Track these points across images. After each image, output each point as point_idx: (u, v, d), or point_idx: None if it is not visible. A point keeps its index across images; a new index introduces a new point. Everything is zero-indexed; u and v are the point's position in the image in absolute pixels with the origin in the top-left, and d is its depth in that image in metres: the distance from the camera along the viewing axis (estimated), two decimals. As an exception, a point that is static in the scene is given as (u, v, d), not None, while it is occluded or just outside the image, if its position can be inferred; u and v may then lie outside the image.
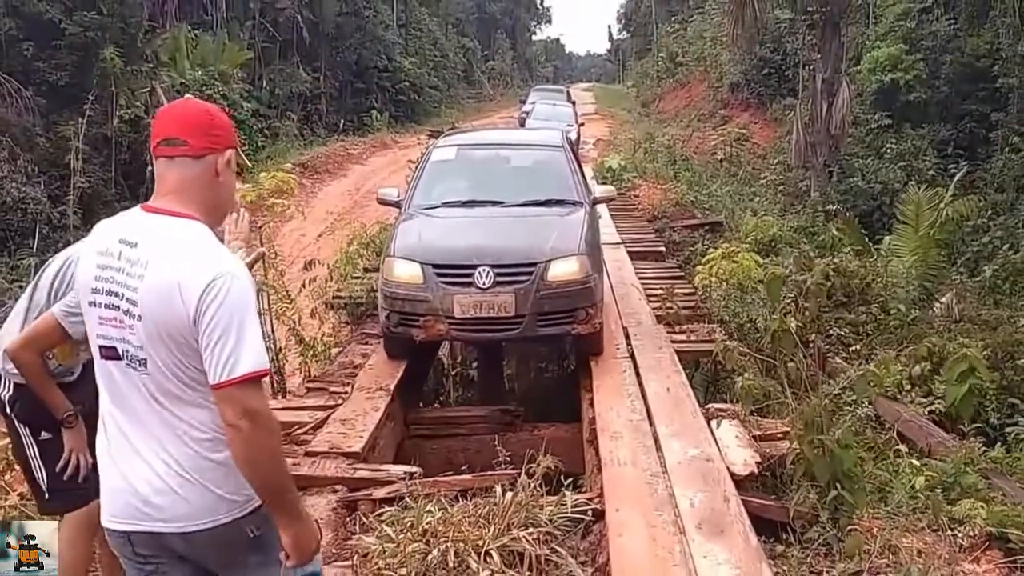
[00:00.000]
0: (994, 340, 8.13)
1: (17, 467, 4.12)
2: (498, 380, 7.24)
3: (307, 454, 4.22)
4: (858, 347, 7.97)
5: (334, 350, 6.39)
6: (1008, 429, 6.60)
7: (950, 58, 19.88)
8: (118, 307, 1.85)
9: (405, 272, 5.38)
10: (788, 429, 4.39)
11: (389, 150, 23.38)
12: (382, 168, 19.60)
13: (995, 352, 7.73)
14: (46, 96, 15.10)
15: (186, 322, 1.78)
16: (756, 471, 4.05)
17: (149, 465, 1.87)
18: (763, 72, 26.28)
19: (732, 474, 3.95)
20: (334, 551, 3.47)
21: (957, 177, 14.43)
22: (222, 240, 2.31)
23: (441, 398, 7.35)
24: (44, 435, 2.77)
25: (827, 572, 3.29)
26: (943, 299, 10.70)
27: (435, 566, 3.08)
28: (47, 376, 2.64)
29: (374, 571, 3.08)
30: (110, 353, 1.88)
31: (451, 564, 3.09)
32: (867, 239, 13.15)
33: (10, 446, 3.02)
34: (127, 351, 1.85)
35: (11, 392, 2.76)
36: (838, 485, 3.58)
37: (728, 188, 17.28)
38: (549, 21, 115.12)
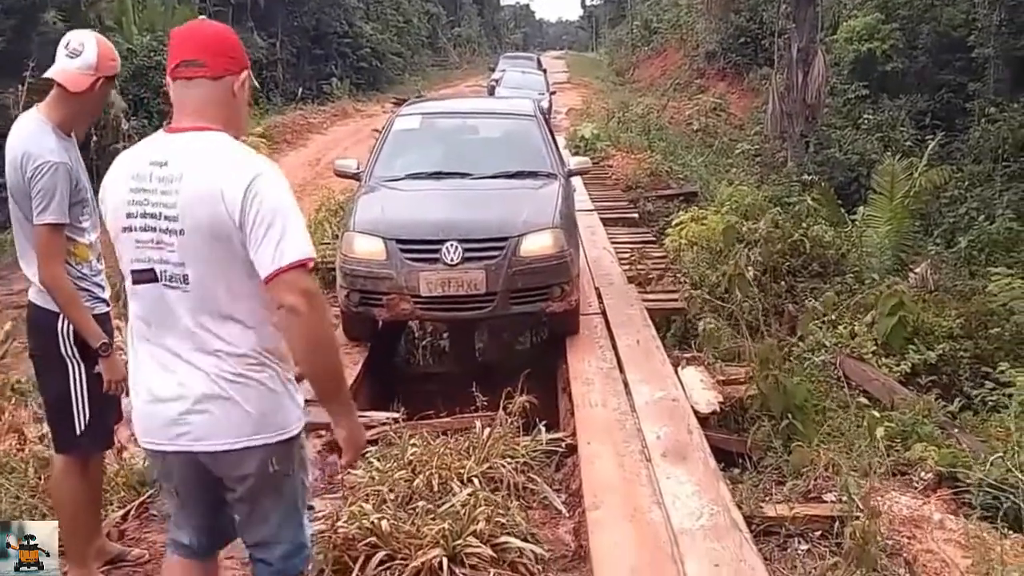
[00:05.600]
0: (968, 310, 8.64)
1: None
2: (470, 350, 7.57)
3: (292, 400, 4.64)
4: (833, 317, 8.52)
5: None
6: (976, 392, 7.19)
7: (927, 28, 20.61)
8: (155, 228, 1.99)
9: (366, 248, 5.35)
10: (750, 373, 4.95)
11: (351, 119, 23.57)
12: (344, 138, 19.82)
13: (969, 322, 8.17)
14: (-17, 63, 15.06)
15: (231, 226, 1.93)
16: (718, 410, 4.61)
17: (185, 385, 2.01)
18: (739, 41, 26.94)
19: (696, 412, 4.50)
20: (322, 486, 3.94)
21: (931, 146, 15.01)
22: None
23: (412, 366, 7.75)
24: (98, 368, 2.91)
25: (777, 491, 3.84)
26: (917, 269, 11.34)
27: (421, 489, 3.55)
28: (80, 300, 2.87)
29: (363, 497, 3.53)
30: (146, 276, 2.02)
31: (435, 488, 3.57)
32: (843, 210, 13.68)
33: (39, 386, 3.20)
34: (165, 271, 2.00)
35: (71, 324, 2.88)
36: (790, 416, 4.12)
37: (703, 158, 17.87)
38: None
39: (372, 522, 3.15)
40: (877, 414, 5.25)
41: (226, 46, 2.08)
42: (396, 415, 4.51)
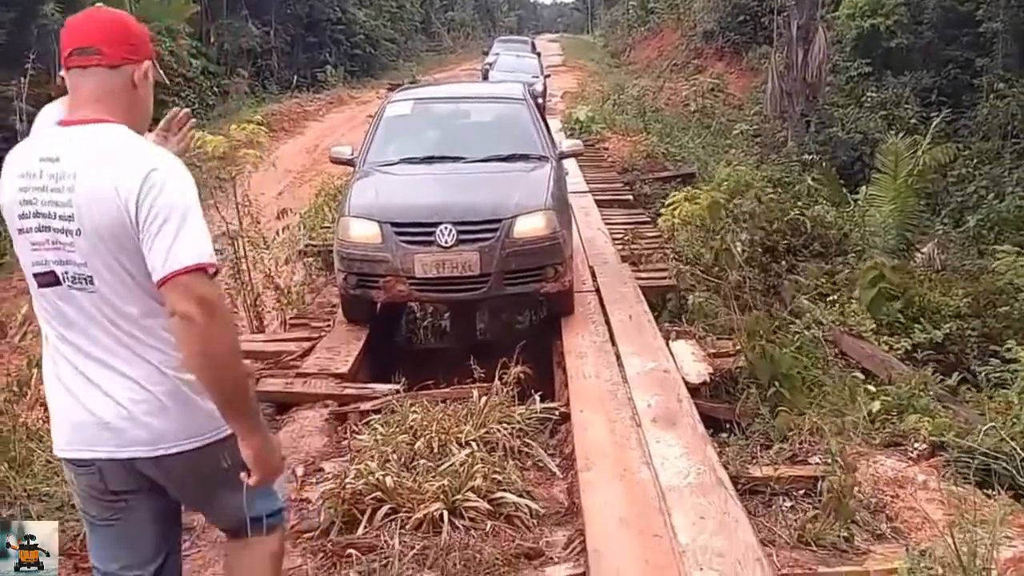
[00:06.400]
0: (975, 289, 8.82)
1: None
2: (470, 329, 7.85)
3: (298, 375, 4.98)
4: (834, 297, 8.71)
5: (308, 296, 7.07)
6: (980, 369, 7.43)
7: (933, 2, 20.65)
8: (50, 228, 1.88)
9: (362, 231, 5.55)
10: (739, 346, 5.23)
11: (346, 106, 23.93)
12: (340, 125, 20.14)
13: (977, 300, 8.41)
14: (-16, 56, 15.30)
15: (128, 227, 1.82)
16: (708, 380, 4.88)
17: (111, 390, 1.91)
18: (738, 19, 27.08)
19: (686, 383, 4.77)
20: (330, 450, 4.26)
21: (935, 124, 15.07)
22: None
23: (413, 344, 8.02)
24: None
25: (763, 455, 4.12)
26: (924, 248, 11.53)
27: (422, 451, 3.84)
28: None
29: (368, 457, 3.82)
30: (48, 279, 1.91)
31: (435, 450, 3.86)
32: (846, 190, 13.78)
33: None
34: (67, 272, 1.89)
35: None
36: (777, 384, 4.39)
37: (701, 140, 18.10)
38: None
39: (377, 479, 3.45)
40: (873, 388, 5.50)
41: (125, 33, 1.98)
42: (396, 387, 4.80)
